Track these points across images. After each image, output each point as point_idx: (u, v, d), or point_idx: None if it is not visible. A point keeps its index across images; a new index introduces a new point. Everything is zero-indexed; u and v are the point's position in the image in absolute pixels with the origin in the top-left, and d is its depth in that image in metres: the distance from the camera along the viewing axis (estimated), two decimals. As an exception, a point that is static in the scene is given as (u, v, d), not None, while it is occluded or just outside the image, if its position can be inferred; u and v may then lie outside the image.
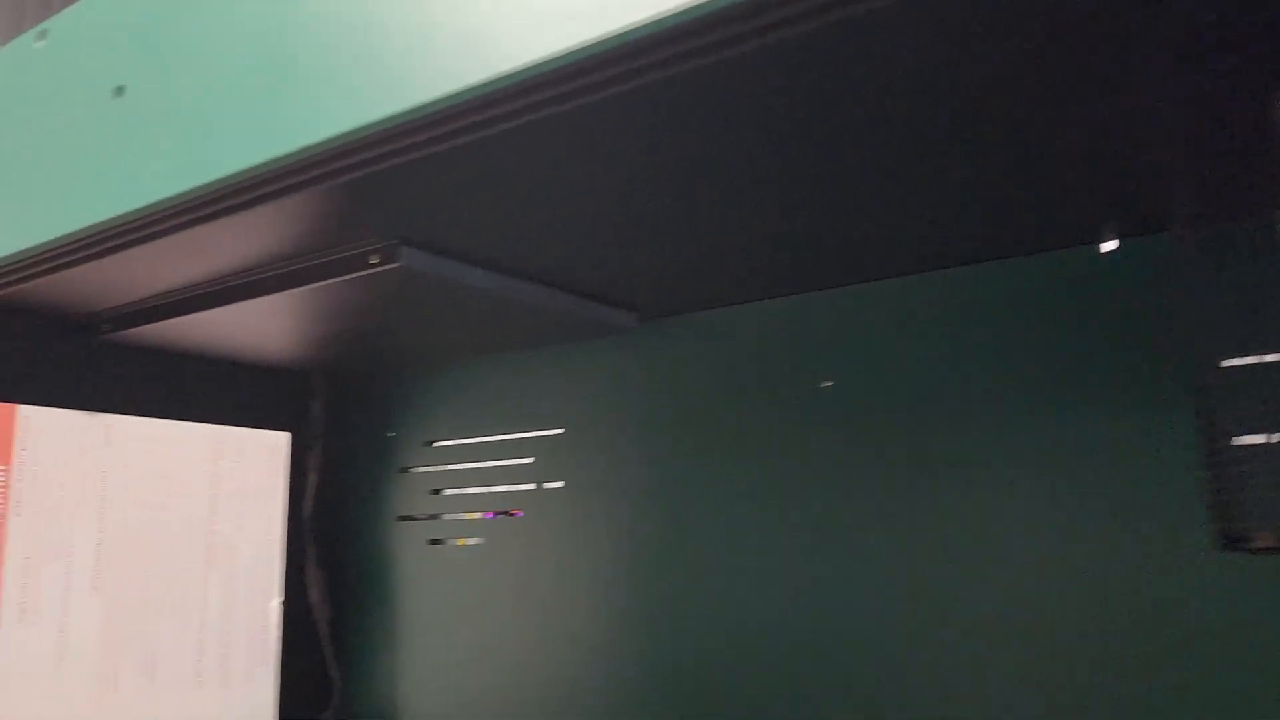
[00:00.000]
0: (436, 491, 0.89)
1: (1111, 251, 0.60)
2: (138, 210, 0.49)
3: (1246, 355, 0.46)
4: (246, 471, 0.88)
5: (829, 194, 0.51)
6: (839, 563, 0.66)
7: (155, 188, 0.48)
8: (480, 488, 0.86)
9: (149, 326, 0.73)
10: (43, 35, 0.58)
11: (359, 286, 0.62)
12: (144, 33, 0.52)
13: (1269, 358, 0.46)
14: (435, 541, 0.88)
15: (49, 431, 0.75)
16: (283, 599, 0.89)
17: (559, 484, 0.81)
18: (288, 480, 0.91)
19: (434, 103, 0.39)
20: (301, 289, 0.62)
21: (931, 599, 0.63)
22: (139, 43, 0.52)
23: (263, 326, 0.74)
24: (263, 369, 0.90)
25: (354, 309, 0.68)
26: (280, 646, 0.88)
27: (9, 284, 0.63)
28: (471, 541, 0.86)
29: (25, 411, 0.73)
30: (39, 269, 0.60)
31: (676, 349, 0.76)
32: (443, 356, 0.87)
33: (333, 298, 0.65)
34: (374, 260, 0.58)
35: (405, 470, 0.91)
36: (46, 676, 0.72)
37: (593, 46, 0.35)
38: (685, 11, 0.33)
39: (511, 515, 0.84)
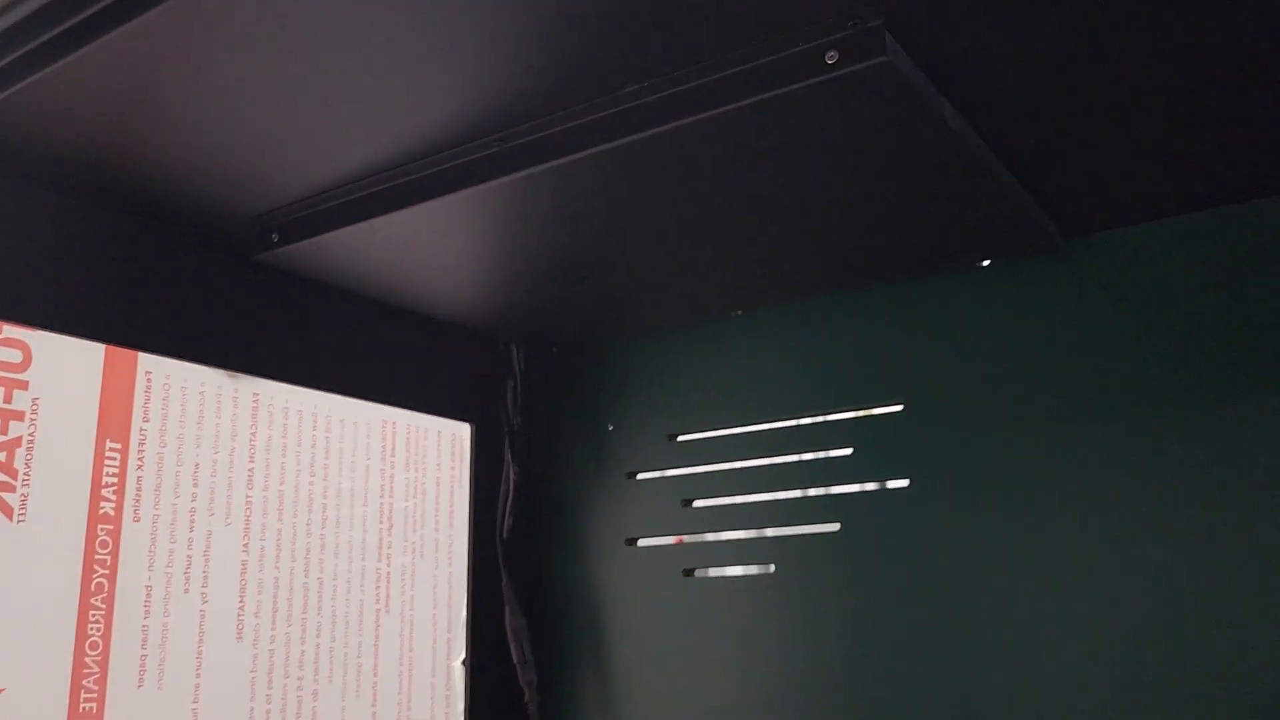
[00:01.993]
0: (687, 503, 0.64)
1: None
2: None
3: None
4: (423, 473, 0.63)
5: None
6: None
7: None
8: (758, 494, 0.61)
9: (334, 234, 0.48)
10: None
11: (756, 123, 0.38)
12: None
13: None
14: (689, 573, 0.63)
15: (181, 395, 0.49)
16: (467, 656, 0.63)
17: (900, 483, 0.56)
18: (472, 488, 0.66)
19: None
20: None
21: None
22: None
23: (469, 243, 0.50)
24: (443, 329, 0.65)
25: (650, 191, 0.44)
26: (468, 724, 0.62)
27: None
28: (746, 571, 0.61)
29: (150, 362, 0.48)
30: None
31: (1102, 279, 0.52)
32: (700, 306, 0.63)
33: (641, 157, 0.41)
34: (832, 58, 0.35)
35: (633, 476, 0.66)
36: (177, 777, 0.46)
37: None
38: None
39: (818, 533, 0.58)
